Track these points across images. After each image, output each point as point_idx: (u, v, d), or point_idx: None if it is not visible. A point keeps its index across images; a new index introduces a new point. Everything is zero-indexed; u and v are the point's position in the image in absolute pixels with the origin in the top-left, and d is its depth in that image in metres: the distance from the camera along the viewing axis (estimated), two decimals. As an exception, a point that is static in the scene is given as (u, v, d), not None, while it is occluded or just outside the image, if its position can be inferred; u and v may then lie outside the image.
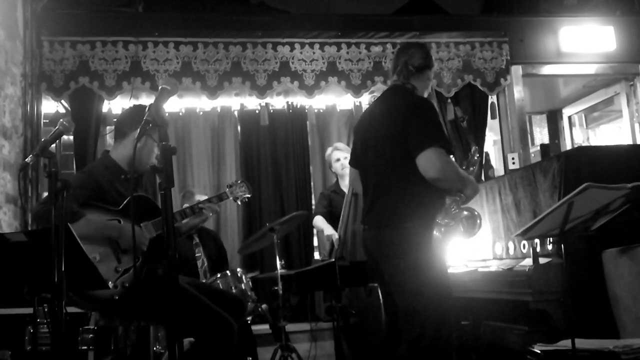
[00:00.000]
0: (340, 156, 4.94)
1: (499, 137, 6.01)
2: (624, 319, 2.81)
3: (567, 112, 7.42)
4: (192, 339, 3.01)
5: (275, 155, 6.37)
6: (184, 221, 3.20)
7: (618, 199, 2.44)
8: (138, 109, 3.07)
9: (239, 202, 3.41)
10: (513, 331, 3.35)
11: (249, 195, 3.41)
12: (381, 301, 4.09)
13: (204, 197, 4.75)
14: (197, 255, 4.80)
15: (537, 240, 3.11)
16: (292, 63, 5.36)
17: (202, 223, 3.30)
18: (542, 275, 2.97)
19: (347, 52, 5.45)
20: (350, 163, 3.16)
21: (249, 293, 4.12)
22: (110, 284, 2.73)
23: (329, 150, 5.14)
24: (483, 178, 5.48)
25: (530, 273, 2.98)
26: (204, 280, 4.45)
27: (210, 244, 4.94)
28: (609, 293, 2.89)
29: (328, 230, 4.69)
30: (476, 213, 2.85)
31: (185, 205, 4.72)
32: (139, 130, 2.08)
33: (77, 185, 2.79)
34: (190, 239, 4.83)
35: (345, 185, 4.88)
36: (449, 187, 2.71)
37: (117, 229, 2.83)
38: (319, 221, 4.87)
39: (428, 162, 2.59)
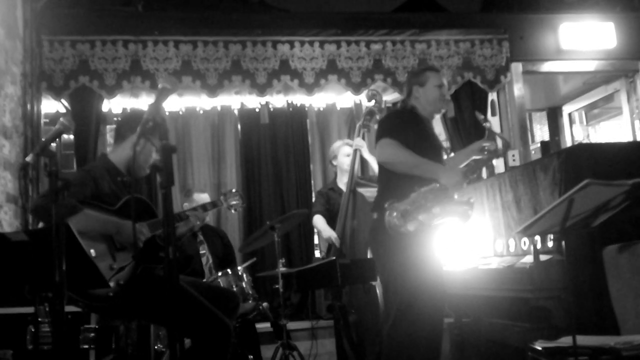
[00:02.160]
0: (350, 152, 4.85)
1: (499, 135, 6.00)
2: (624, 316, 2.81)
3: (567, 109, 7.41)
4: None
5: (276, 154, 6.37)
6: None
7: (618, 196, 2.43)
8: (137, 113, 3.10)
9: (233, 211, 3.48)
10: (514, 328, 3.35)
11: (243, 205, 3.49)
12: (379, 299, 4.11)
13: (202, 195, 4.78)
14: (201, 252, 4.81)
15: (537, 237, 3.11)
16: (292, 61, 5.36)
17: (190, 232, 3.31)
18: (543, 272, 2.97)
19: (347, 50, 5.45)
20: None
21: (250, 292, 4.12)
22: None
23: (339, 143, 5.04)
24: (484, 175, 5.48)
25: (531, 270, 2.98)
26: (208, 277, 4.45)
27: (216, 242, 4.95)
28: (610, 289, 2.88)
29: (327, 232, 4.68)
30: (466, 200, 2.93)
31: (185, 204, 4.74)
32: (138, 130, 2.08)
33: (76, 182, 2.80)
34: (194, 236, 4.84)
35: (343, 183, 4.87)
36: (404, 170, 2.98)
37: (115, 225, 2.83)
38: (319, 221, 4.85)
39: (379, 149, 3.03)
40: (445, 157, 3.28)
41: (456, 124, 5.60)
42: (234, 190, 3.50)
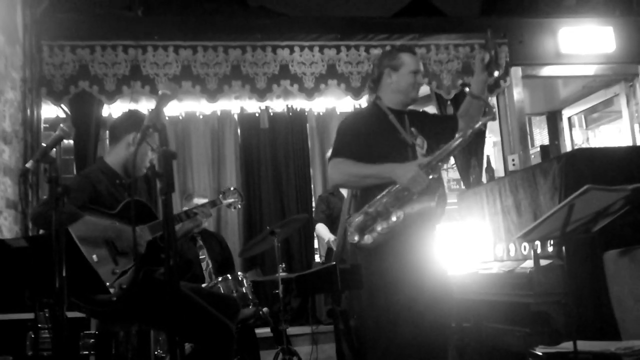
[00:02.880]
0: None
1: (499, 139, 6.01)
2: (625, 321, 2.81)
3: (566, 113, 7.42)
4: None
5: (275, 158, 6.37)
6: (178, 226, 3.21)
7: (618, 201, 2.43)
8: (130, 114, 3.10)
9: (233, 209, 3.47)
10: (514, 333, 3.35)
11: (242, 203, 3.47)
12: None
13: (203, 200, 4.78)
14: (201, 257, 4.81)
15: (538, 242, 3.11)
16: (292, 66, 5.36)
17: (196, 228, 3.32)
18: (543, 277, 2.96)
19: (347, 55, 5.45)
20: None
21: (250, 297, 4.12)
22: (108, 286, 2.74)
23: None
24: (484, 180, 5.48)
25: (532, 275, 2.98)
26: (208, 282, 4.46)
27: (215, 246, 4.95)
28: (611, 295, 2.88)
29: (327, 236, 4.70)
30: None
31: (184, 208, 4.74)
32: (138, 135, 2.08)
33: (74, 188, 2.80)
34: (194, 241, 4.84)
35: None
36: (359, 185, 2.85)
37: (115, 230, 2.83)
38: (321, 230, 4.86)
39: (329, 174, 2.95)
40: (418, 152, 2.81)
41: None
42: (232, 188, 3.49)
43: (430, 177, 2.63)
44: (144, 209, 3.02)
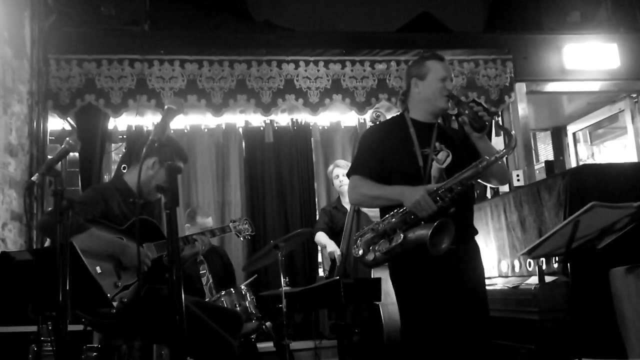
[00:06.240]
0: (339, 173, 4.91)
1: (504, 154, 6.00)
2: (631, 338, 2.78)
3: (571, 128, 7.41)
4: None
5: (280, 172, 6.36)
6: None
7: (624, 218, 2.43)
8: None
9: (242, 238, 3.49)
10: (519, 350, 3.32)
11: (252, 233, 3.51)
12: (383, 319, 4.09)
13: (207, 219, 4.76)
14: (201, 272, 4.79)
15: (542, 258, 3.10)
16: (297, 81, 5.39)
17: (194, 256, 3.31)
18: (548, 294, 2.95)
19: (352, 70, 5.47)
20: None
21: (253, 311, 4.10)
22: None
23: (330, 167, 5.13)
24: (489, 195, 5.47)
25: (536, 292, 2.97)
26: (209, 297, 4.44)
27: (216, 261, 4.93)
28: (616, 312, 2.86)
29: (330, 246, 4.68)
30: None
31: (187, 224, 4.73)
32: (144, 151, 2.10)
33: (84, 201, 2.83)
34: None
35: (347, 202, 4.87)
36: (369, 206, 3.10)
37: (121, 246, 2.84)
38: (321, 237, 4.85)
39: (347, 191, 2.89)
40: (435, 166, 2.67)
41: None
42: (244, 219, 3.55)
43: (439, 204, 2.51)
44: (151, 228, 3.03)
